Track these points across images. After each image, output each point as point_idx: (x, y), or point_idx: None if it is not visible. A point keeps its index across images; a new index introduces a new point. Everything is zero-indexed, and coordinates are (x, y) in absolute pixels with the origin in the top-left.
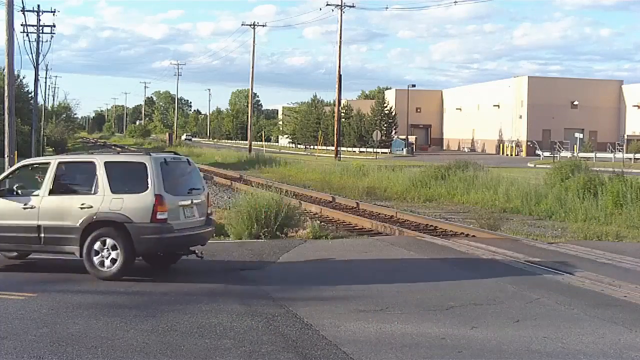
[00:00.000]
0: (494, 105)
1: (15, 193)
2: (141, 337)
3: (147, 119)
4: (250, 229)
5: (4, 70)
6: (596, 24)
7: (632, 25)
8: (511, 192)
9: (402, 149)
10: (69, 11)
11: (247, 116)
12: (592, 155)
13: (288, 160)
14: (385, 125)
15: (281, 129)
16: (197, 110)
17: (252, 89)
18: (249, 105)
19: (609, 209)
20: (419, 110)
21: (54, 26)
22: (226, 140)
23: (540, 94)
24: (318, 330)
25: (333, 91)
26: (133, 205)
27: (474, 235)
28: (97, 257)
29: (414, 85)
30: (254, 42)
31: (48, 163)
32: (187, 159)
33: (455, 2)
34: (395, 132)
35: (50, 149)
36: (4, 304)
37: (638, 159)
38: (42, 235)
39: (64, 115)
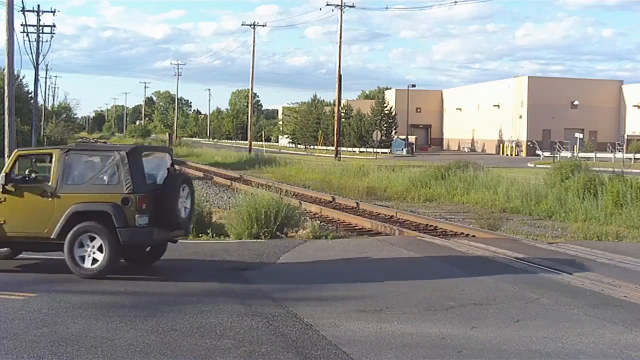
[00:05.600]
0: (494, 105)
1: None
2: (141, 337)
3: (147, 119)
4: (250, 229)
5: (4, 70)
6: (598, 23)
7: (634, 25)
8: (511, 192)
9: (402, 149)
10: (71, 11)
11: (247, 116)
12: (592, 155)
13: (288, 160)
14: (385, 125)
15: (281, 129)
16: (197, 110)
17: (252, 89)
18: (249, 105)
19: (609, 209)
20: (419, 110)
21: (54, 26)
22: (226, 141)
23: (540, 94)
24: (318, 330)
25: (334, 91)
26: None
27: (474, 235)
28: None
29: (414, 85)
30: (253, 42)
31: None
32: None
33: (456, 2)
34: (395, 132)
35: None
36: (4, 304)
37: (638, 159)
38: None
39: (64, 115)
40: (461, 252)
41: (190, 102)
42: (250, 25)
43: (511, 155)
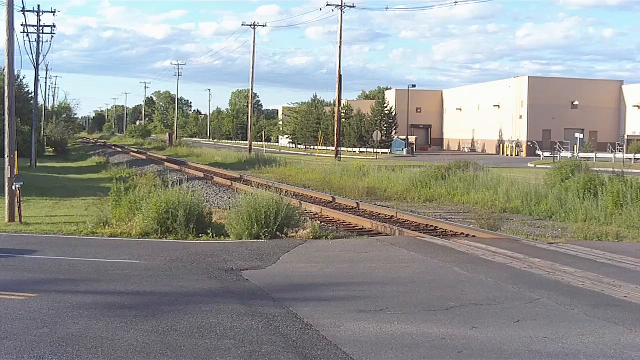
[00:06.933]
0: (494, 105)
1: None
2: (141, 337)
3: (147, 119)
4: (250, 229)
5: (4, 70)
6: (599, 24)
7: (634, 25)
8: (511, 192)
9: (402, 149)
10: (71, 11)
11: (247, 116)
12: (592, 155)
13: (288, 160)
14: (385, 125)
15: (281, 129)
16: (197, 110)
17: (252, 89)
18: (249, 105)
19: (609, 209)
20: (419, 110)
21: (54, 26)
22: (226, 140)
23: (540, 94)
24: (318, 330)
25: (334, 91)
26: None
27: (474, 235)
28: None
29: (414, 85)
30: (253, 42)
31: None
32: None
33: (456, 2)
34: (395, 132)
35: (51, 149)
36: (4, 304)
37: (638, 159)
38: None
39: (64, 115)
40: (461, 252)
41: (190, 102)
42: (250, 25)
43: (511, 155)
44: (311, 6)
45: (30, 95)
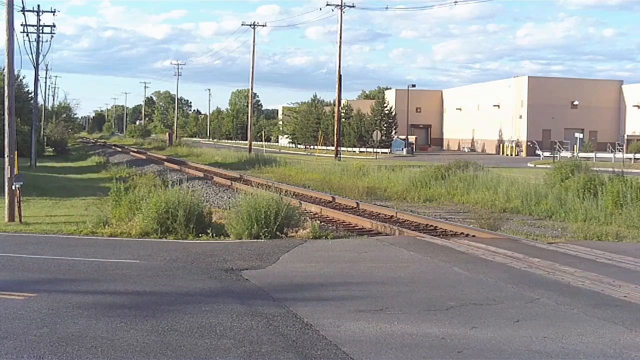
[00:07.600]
0: (494, 105)
1: None
2: (141, 337)
3: (147, 119)
4: (250, 229)
5: (4, 70)
6: (599, 24)
7: (635, 26)
8: (511, 192)
9: (402, 149)
10: (71, 11)
11: (247, 116)
12: (592, 155)
13: (288, 160)
14: (385, 125)
15: (281, 129)
16: (197, 110)
17: (252, 89)
18: (249, 105)
19: (609, 209)
20: (419, 110)
21: (54, 26)
22: (226, 140)
23: (540, 94)
24: (318, 330)
25: (334, 91)
26: None
27: (474, 235)
28: None
29: (414, 85)
30: (254, 42)
31: None
32: None
33: (456, 2)
34: (395, 132)
35: (50, 149)
36: (4, 304)
37: (638, 159)
38: None
39: (64, 115)
40: (461, 252)
41: (190, 102)
42: (250, 25)
43: (511, 155)
44: (311, 6)
45: (30, 95)
